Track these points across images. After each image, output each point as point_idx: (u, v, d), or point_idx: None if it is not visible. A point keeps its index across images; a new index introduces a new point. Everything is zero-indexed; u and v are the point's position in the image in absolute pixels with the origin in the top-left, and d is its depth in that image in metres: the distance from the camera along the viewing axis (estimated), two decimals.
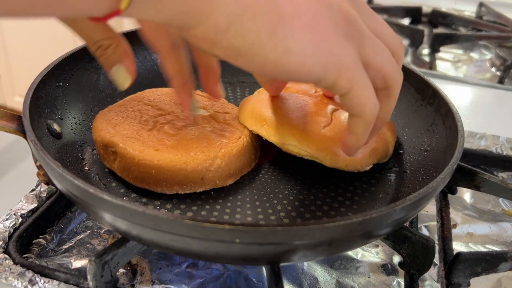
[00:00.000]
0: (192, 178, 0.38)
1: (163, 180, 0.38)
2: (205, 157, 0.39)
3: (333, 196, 0.40)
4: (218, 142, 0.41)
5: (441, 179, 0.33)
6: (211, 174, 0.39)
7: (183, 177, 0.38)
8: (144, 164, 0.38)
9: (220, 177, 0.39)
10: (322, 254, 0.33)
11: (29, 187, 0.43)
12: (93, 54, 0.36)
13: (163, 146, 0.39)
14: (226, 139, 0.42)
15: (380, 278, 0.39)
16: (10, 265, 0.36)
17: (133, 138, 0.40)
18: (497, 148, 0.57)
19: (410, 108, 0.49)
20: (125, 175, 0.39)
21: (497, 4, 1.06)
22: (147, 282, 0.36)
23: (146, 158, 0.38)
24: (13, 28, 1.72)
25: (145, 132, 0.41)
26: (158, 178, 0.38)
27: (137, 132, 0.41)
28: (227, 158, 0.40)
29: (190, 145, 0.40)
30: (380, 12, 1.02)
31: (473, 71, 0.83)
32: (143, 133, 0.41)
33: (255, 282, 0.37)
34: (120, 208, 0.28)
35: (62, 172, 0.30)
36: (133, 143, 0.39)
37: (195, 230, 0.27)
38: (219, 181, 0.39)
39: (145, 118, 0.43)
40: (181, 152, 0.39)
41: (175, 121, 0.43)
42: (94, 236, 0.40)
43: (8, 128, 0.37)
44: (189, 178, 0.38)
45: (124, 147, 0.39)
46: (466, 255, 0.37)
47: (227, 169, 0.40)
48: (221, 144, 0.41)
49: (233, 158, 0.40)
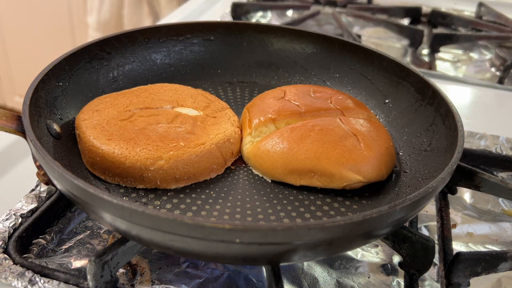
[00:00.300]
0: (131, 173, 0.39)
1: (106, 169, 0.39)
2: (148, 155, 0.39)
3: (333, 196, 0.40)
4: (174, 144, 0.40)
5: (441, 179, 0.33)
6: (150, 174, 0.39)
7: (122, 170, 0.39)
8: (91, 150, 0.40)
9: (162, 178, 0.39)
10: (322, 254, 0.33)
11: (29, 187, 0.43)
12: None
13: (119, 137, 0.40)
14: (184, 142, 0.40)
15: (380, 278, 0.39)
16: (10, 265, 0.36)
17: (99, 125, 0.41)
18: (496, 148, 0.57)
19: (410, 108, 0.49)
20: (83, 158, 0.41)
21: (496, 4, 1.06)
22: (147, 282, 0.36)
23: (94, 145, 0.39)
24: (13, 28, 1.72)
25: (116, 121, 0.42)
26: (102, 166, 0.39)
27: (108, 120, 0.42)
28: (173, 161, 0.39)
29: (144, 141, 0.40)
30: (379, 12, 1.02)
31: (473, 71, 0.83)
32: (113, 121, 0.42)
33: (254, 282, 0.37)
34: (120, 208, 0.28)
35: (61, 172, 0.30)
36: (94, 129, 0.41)
37: (195, 230, 0.27)
38: (160, 182, 0.39)
39: (129, 108, 0.44)
40: (129, 146, 0.39)
41: (154, 116, 0.43)
42: (94, 236, 0.40)
43: (8, 128, 0.37)
44: (128, 172, 0.39)
45: (83, 131, 0.41)
46: (466, 255, 0.37)
47: (172, 172, 0.39)
48: (175, 147, 0.40)
49: (181, 162, 0.39)
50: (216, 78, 0.57)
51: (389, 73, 0.52)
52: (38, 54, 1.74)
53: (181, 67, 0.56)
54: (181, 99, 0.47)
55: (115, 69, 0.51)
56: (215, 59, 0.57)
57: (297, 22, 0.93)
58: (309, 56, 0.57)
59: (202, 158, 0.40)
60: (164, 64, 0.55)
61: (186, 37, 0.56)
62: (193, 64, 0.56)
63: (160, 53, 0.55)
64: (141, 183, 0.39)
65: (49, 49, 1.70)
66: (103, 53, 0.49)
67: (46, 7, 1.64)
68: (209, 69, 0.57)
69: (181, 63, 0.56)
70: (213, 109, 0.47)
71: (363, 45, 0.55)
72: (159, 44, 0.55)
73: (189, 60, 0.56)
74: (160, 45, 0.55)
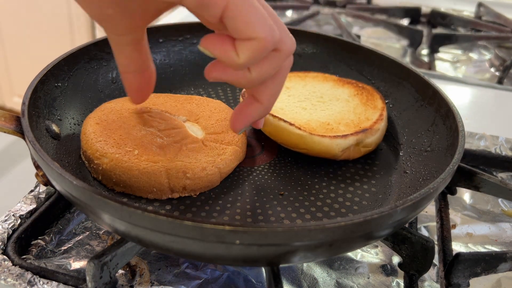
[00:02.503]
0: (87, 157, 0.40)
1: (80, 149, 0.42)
2: (100, 149, 0.39)
3: (333, 197, 0.40)
4: (130, 149, 0.39)
5: (442, 180, 0.33)
6: (95, 166, 0.39)
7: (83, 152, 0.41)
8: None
9: (102, 176, 0.39)
10: (323, 255, 0.33)
11: (28, 188, 0.43)
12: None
13: (106, 126, 0.41)
14: (140, 152, 0.39)
15: (380, 278, 0.39)
16: (9, 266, 0.36)
17: (112, 113, 0.43)
18: (496, 148, 0.57)
19: (410, 108, 0.48)
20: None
21: (496, 4, 1.06)
22: (146, 283, 0.36)
23: (82, 130, 0.42)
24: (11, 28, 1.72)
25: (127, 113, 0.43)
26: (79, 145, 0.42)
27: (121, 111, 0.44)
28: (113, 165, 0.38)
29: (116, 136, 0.40)
30: (379, 12, 1.02)
31: (472, 72, 0.83)
32: (125, 113, 0.43)
33: (254, 283, 0.37)
34: (119, 209, 0.28)
35: (60, 172, 0.30)
36: (99, 119, 0.42)
37: (195, 231, 0.27)
38: (101, 178, 0.39)
39: (149, 107, 0.45)
40: (102, 134, 0.40)
41: (157, 120, 0.43)
42: (93, 237, 0.40)
43: (6, 129, 0.37)
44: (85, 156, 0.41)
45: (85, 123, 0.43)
46: (466, 256, 0.37)
47: (109, 174, 0.38)
48: (127, 152, 0.39)
49: (120, 169, 0.38)
50: None
51: (389, 73, 0.52)
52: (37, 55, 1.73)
53: (181, 67, 0.56)
54: (203, 116, 0.45)
55: (115, 69, 0.50)
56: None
57: (297, 22, 0.93)
58: (309, 56, 0.57)
59: (143, 175, 0.38)
60: (163, 64, 0.55)
61: (186, 37, 0.56)
62: (193, 64, 0.56)
63: (159, 53, 0.55)
64: (90, 170, 0.40)
65: (48, 50, 1.70)
66: (102, 54, 0.49)
67: (45, 8, 1.64)
68: None
69: (180, 63, 0.56)
70: (218, 138, 0.43)
71: (363, 45, 0.55)
72: (159, 44, 0.55)
73: (189, 60, 0.56)
74: (159, 45, 0.55)
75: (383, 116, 0.47)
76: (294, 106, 0.48)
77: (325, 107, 0.48)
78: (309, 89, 0.52)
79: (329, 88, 0.52)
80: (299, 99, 0.50)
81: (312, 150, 0.44)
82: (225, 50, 0.29)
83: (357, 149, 0.44)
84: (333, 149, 0.43)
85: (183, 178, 0.38)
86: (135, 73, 0.35)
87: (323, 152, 0.43)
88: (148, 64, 0.36)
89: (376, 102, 0.49)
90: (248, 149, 0.46)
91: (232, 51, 0.28)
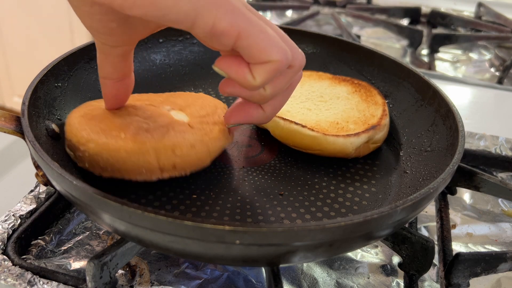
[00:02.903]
0: (70, 146, 0.39)
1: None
2: (86, 135, 0.37)
3: (333, 197, 0.40)
4: (116, 133, 0.38)
5: (442, 180, 0.33)
6: (81, 154, 0.38)
7: (67, 141, 0.39)
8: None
9: (89, 162, 0.38)
10: (323, 255, 0.33)
11: (28, 188, 0.43)
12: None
13: (90, 114, 0.40)
14: (126, 135, 0.38)
15: (380, 278, 0.39)
16: (9, 267, 0.36)
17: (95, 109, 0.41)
18: (496, 148, 0.57)
19: (410, 108, 0.48)
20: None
21: (496, 4, 1.06)
22: (146, 283, 0.36)
23: (66, 122, 0.40)
24: (11, 28, 1.72)
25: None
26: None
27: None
28: (99, 149, 0.37)
29: (102, 123, 0.39)
30: (379, 12, 1.02)
31: (472, 72, 0.83)
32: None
33: (254, 283, 0.37)
34: (119, 209, 0.28)
35: (60, 173, 0.30)
36: (83, 112, 0.41)
37: (195, 231, 0.27)
38: (88, 166, 0.38)
39: (135, 102, 0.43)
40: (87, 122, 0.39)
41: (141, 110, 0.42)
42: (93, 237, 0.40)
43: (6, 129, 0.37)
44: (68, 145, 0.39)
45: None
46: (466, 256, 0.37)
47: (96, 159, 0.37)
48: (114, 136, 0.38)
49: (107, 153, 0.37)
50: (215, 78, 0.56)
51: (389, 73, 0.52)
52: (37, 55, 1.73)
53: (181, 67, 0.56)
54: (187, 105, 0.45)
55: None
56: (214, 59, 0.57)
57: (297, 22, 0.93)
58: (309, 56, 0.57)
59: (131, 156, 0.37)
60: (163, 64, 0.55)
61: (186, 37, 0.56)
62: (193, 64, 0.56)
63: (159, 53, 0.55)
64: (76, 160, 0.39)
65: (48, 50, 1.70)
66: None
67: (45, 8, 1.64)
68: (209, 69, 0.56)
69: (180, 63, 0.56)
70: (204, 120, 0.42)
71: (363, 45, 0.55)
72: (159, 44, 0.55)
73: (189, 60, 0.56)
74: (159, 45, 0.55)
75: (387, 111, 0.47)
76: (299, 107, 0.48)
77: (328, 106, 0.48)
78: (307, 88, 0.52)
79: (327, 87, 0.52)
80: (300, 99, 0.50)
81: (325, 151, 0.44)
82: (241, 72, 0.29)
83: (367, 146, 0.45)
84: (347, 148, 0.43)
85: (172, 156, 0.38)
86: (116, 80, 0.36)
87: (337, 152, 0.43)
88: (130, 73, 0.36)
89: (376, 98, 0.49)
90: (248, 149, 0.46)
91: (248, 74, 0.29)
